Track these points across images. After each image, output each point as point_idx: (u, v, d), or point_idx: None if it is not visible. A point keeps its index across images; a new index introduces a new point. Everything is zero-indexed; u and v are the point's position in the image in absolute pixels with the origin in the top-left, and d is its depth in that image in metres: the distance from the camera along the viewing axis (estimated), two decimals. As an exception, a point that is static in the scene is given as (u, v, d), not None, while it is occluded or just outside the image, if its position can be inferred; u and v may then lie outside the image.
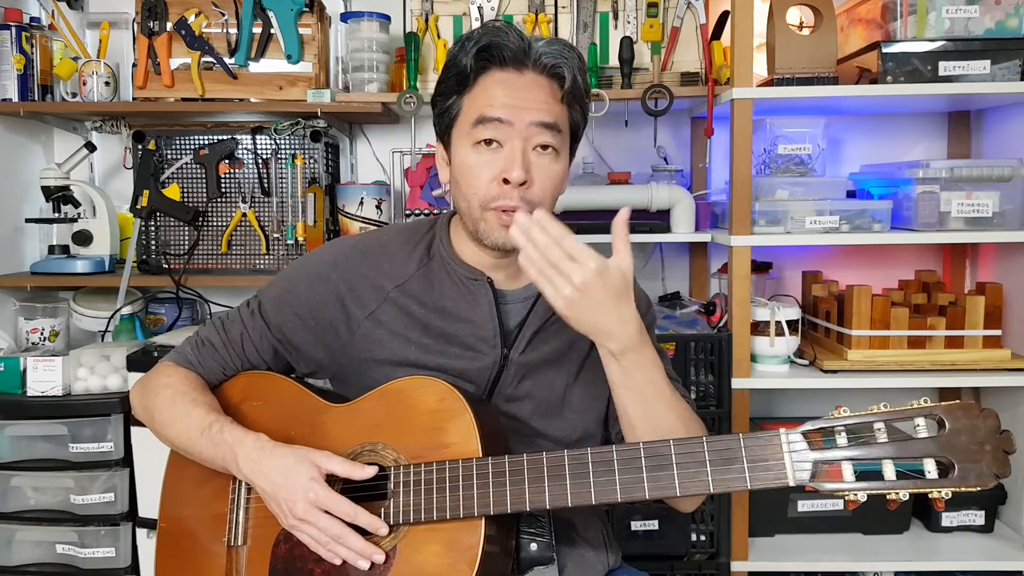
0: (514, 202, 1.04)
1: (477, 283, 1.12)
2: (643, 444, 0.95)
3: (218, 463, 1.09)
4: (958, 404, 0.88)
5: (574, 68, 1.06)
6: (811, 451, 0.89)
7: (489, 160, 1.05)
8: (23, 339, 2.15)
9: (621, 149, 2.30)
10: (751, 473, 0.90)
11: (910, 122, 2.28)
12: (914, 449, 0.87)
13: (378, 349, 1.12)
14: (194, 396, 1.14)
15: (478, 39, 1.05)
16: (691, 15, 2.05)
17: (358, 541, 1.00)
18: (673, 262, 2.35)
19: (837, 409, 0.91)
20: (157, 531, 1.19)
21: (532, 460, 0.98)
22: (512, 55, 1.04)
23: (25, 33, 2.08)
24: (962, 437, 0.86)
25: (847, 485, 0.87)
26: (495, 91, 1.04)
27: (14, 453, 1.88)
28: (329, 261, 1.16)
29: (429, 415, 1.04)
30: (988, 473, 0.85)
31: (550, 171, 1.07)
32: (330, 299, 1.14)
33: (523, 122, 1.03)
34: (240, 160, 2.12)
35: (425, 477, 1.01)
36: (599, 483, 0.95)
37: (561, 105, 1.07)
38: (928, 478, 0.86)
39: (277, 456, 1.04)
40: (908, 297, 2.05)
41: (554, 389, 1.15)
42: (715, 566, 1.92)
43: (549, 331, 1.15)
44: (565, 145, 1.09)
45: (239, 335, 1.18)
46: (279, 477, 1.02)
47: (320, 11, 2.09)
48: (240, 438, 1.07)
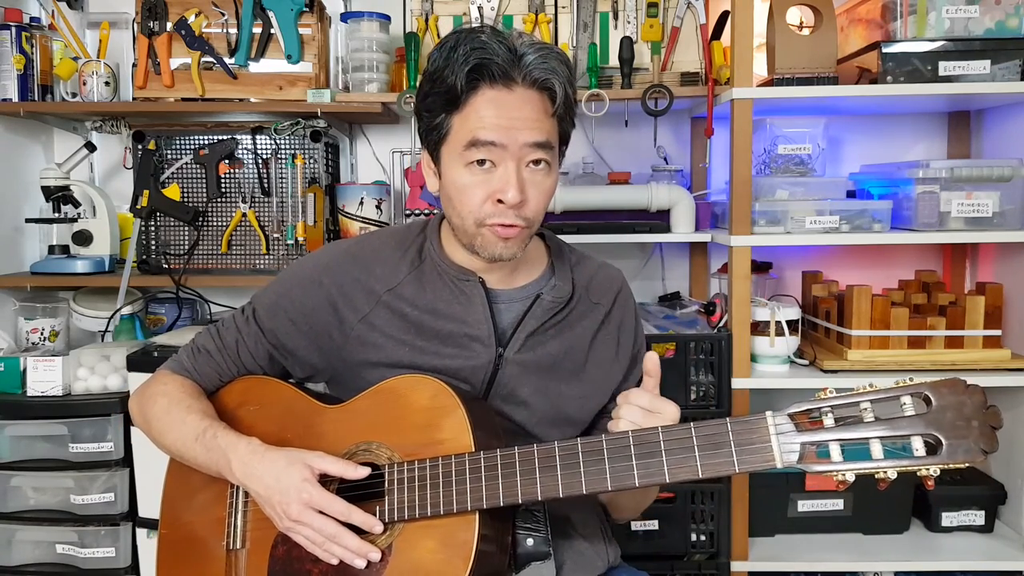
0: (510, 220, 1.04)
1: (469, 283, 1.12)
2: (632, 433, 0.96)
3: (212, 469, 1.10)
4: (943, 381, 0.88)
5: (564, 81, 1.04)
6: (798, 433, 0.89)
7: (483, 180, 1.04)
8: (23, 339, 2.15)
9: (621, 149, 2.30)
10: (739, 457, 0.91)
11: (910, 122, 2.28)
12: (901, 427, 0.87)
13: (372, 352, 1.13)
14: (189, 403, 1.14)
15: (466, 58, 1.01)
16: (691, 15, 2.05)
17: (353, 540, 1.01)
18: (673, 262, 2.35)
19: (823, 391, 0.91)
20: (158, 537, 1.20)
21: (523, 452, 0.99)
22: (502, 72, 1.02)
23: (25, 33, 2.08)
24: (949, 414, 0.86)
25: (835, 466, 0.87)
26: (486, 111, 1.02)
27: (14, 453, 1.88)
28: (321, 266, 1.17)
29: (422, 412, 1.04)
30: (976, 448, 0.85)
31: (543, 186, 1.06)
32: (323, 304, 1.14)
33: (516, 143, 1.02)
34: (240, 160, 2.12)
35: (419, 474, 1.02)
36: (589, 472, 0.96)
37: (552, 120, 1.06)
38: (916, 456, 0.86)
39: (269, 460, 1.04)
40: (908, 297, 2.05)
41: (549, 395, 1.15)
42: (715, 566, 1.92)
43: (546, 334, 1.15)
44: (556, 157, 1.09)
45: (234, 341, 1.19)
46: (272, 480, 1.03)
47: (320, 11, 2.09)
48: (233, 443, 1.08)
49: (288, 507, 1.01)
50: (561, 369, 1.15)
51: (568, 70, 1.06)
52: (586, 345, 1.18)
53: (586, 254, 1.26)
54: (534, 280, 1.18)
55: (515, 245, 1.07)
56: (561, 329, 1.16)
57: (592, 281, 1.21)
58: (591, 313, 1.19)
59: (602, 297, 1.20)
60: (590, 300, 1.19)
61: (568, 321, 1.17)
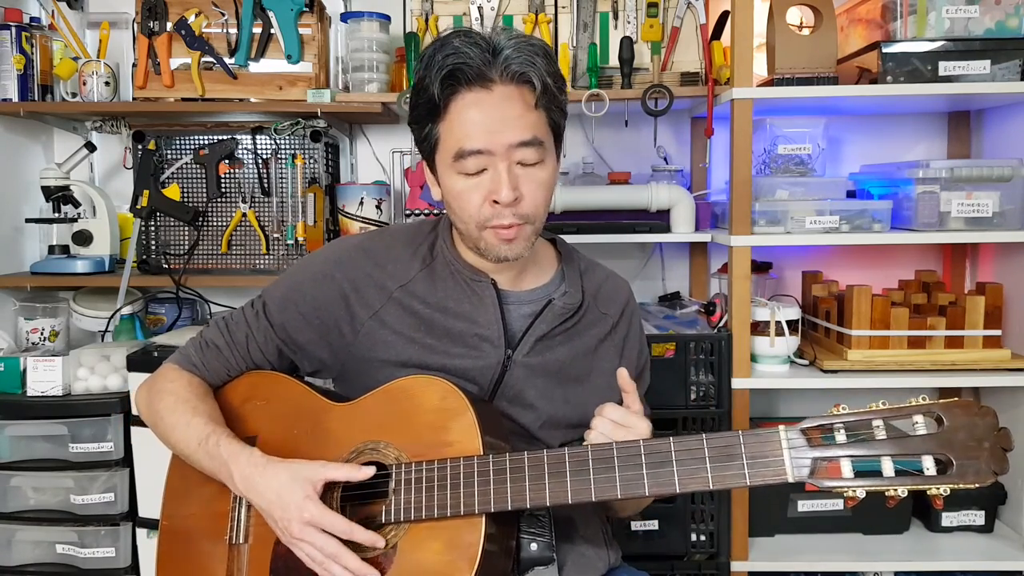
0: (508, 220, 1.05)
1: (481, 284, 1.13)
2: (643, 442, 0.96)
3: (214, 475, 1.10)
4: (956, 401, 0.88)
5: (543, 70, 1.03)
6: (810, 448, 0.90)
7: (477, 184, 1.05)
8: (23, 339, 2.15)
9: (621, 149, 2.30)
10: (751, 470, 0.91)
11: (910, 122, 2.28)
12: (912, 446, 0.87)
13: (381, 349, 1.13)
14: (195, 404, 1.14)
15: (440, 64, 1.02)
16: (691, 15, 2.05)
17: (353, 560, 1.00)
18: (673, 262, 2.35)
19: (836, 407, 0.91)
20: (159, 529, 1.19)
21: (533, 458, 0.99)
22: (477, 73, 1.01)
23: (25, 33, 2.08)
24: (960, 434, 0.86)
25: (846, 482, 0.88)
26: (468, 118, 1.03)
27: (14, 453, 1.88)
28: (333, 260, 1.17)
29: (431, 414, 1.04)
30: (986, 470, 0.85)
31: (538, 181, 1.06)
32: (335, 298, 1.14)
33: (502, 146, 1.03)
34: (240, 160, 2.11)
35: (426, 475, 1.01)
36: (599, 480, 0.96)
37: (536, 111, 1.05)
38: (927, 475, 0.86)
39: (270, 474, 1.04)
40: (908, 297, 2.05)
41: (555, 399, 1.15)
42: (715, 566, 1.92)
43: (555, 339, 1.15)
44: (550, 149, 1.08)
45: (244, 336, 1.19)
46: (273, 496, 1.03)
47: (320, 11, 2.09)
48: (235, 453, 1.07)
49: (289, 524, 1.01)
50: (567, 375, 1.16)
51: (548, 59, 1.05)
52: (592, 354, 1.18)
53: (594, 261, 1.26)
54: (543, 284, 1.18)
55: (519, 245, 1.07)
56: (569, 336, 1.16)
57: (600, 290, 1.22)
58: (599, 322, 1.19)
59: (610, 308, 1.21)
60: (598, 309, 1.20)
61: (576, 329, 1.17)
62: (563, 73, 1.99)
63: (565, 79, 1.11)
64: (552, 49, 1.08)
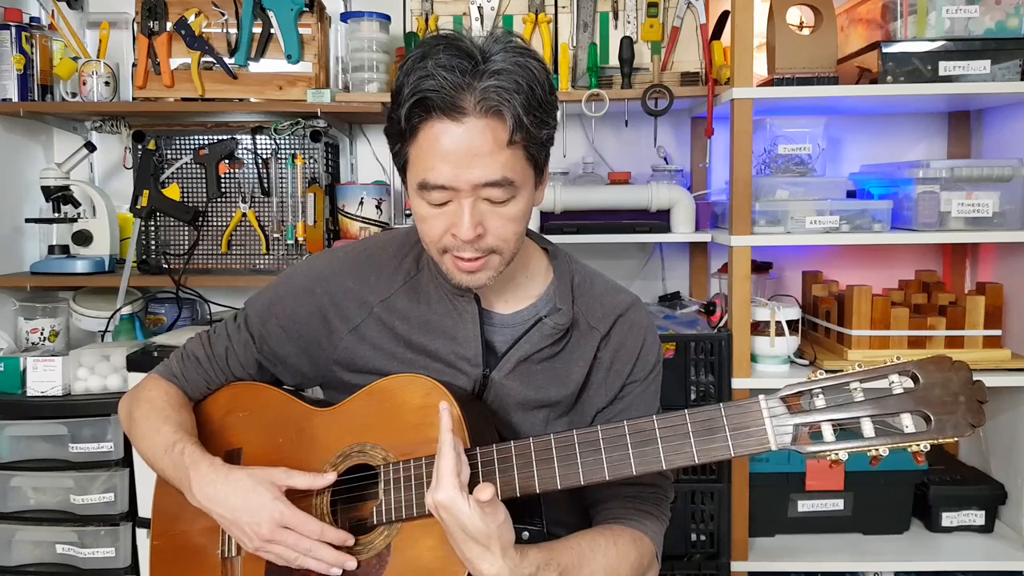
0: (468, 254, 1.00)
1: (463, 299, 1.09)
2: (627, 422, 0.96)
3: (177, 485, 1.09)
4: (930, 358, 0.89)
5: (520, 106, 0.93)
6: (790, 415, 0.90)
7: (440, 213, 0.99)
8: (23, 339, 2.15)
9: (621, 149, 2.30)
10: (734, 441, 0.92)
11: (910, 122, 2.28)
12: (890, 405, 0.88)
13: (361, 363, 1.12)
14: (167, 413, 1.14)
15: (413, 88, 0.93)
16: (691, 15, 2.05)
17: (329, 552, 1.00)
18: (673, 262, 2.35)
19: (814, 371, 0.93)
20: (150, 549, 1.19)
21: (520, 446, 0.99)
22: (448, 104, 0.92)
23: (25, 33, 2.08)
24: (936, 390, 0.87)
25: (828, 446, 0.89)
26: (435, 150, 0.95)
27: (14, 453, 1.87)
28: (315, 274, 1.15)
29: (415, 412, 1.04)
30: (964, 423, 0.86)
31: (507, 216, 0.99)
32: (314, 313, 1.13)
33: (468, 184, 0.95)
34: (240, 160, 2.12)
35: (415, 472, 1.02)
36: (586, 463, 0.96)
37: (510, 148, 0.95)
38: (906, 432, 0.87)
39: (233, 481, 1.03)
40: (908, 297, 2.05)
41: (536, 420, 1.12)
42: (715, 566, 1.92)
43: (535, 364, 1.11)
44: (522, 185, 0.99)
45: (224, 349, 1.18)
46: (238, 501, 1.02)
47: (320, 11, 2.09)
48: (196, 461, 1.06)
49: (259, 527, 1.01)
50: (547, 394, 1.11)
51: (532, 88, 0.95)
52: (576, 372, 1.13)
53: (596, 273, 1.20)
54: (531, 304, 1.13)
55: (483, 276, 1.02)
56: (555, 355, 1.12)
57: (594, 304, 1.15)
58: (586, 339, 1.13)
59: (600, 322, 1.14)
60: (588, 324, 1.14)
61: (563, 348, 1.12)
62: (563, 74, 2.03)
63: (556, 105, 1.01)
64: (546, 69, 0.99)
